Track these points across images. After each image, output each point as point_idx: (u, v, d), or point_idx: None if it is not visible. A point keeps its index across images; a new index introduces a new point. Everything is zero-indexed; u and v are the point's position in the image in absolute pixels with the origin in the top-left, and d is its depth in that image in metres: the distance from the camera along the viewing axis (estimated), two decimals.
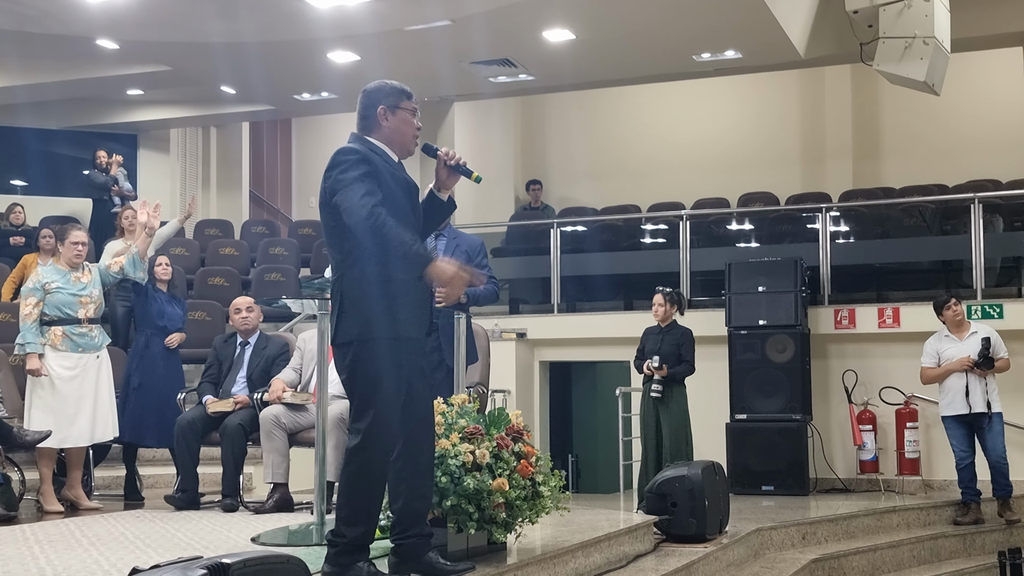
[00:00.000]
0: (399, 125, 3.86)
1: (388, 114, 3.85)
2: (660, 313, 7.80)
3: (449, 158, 3.94)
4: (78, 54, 10.77)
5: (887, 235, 10.85)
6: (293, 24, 9.35)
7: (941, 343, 8.07)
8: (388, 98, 3.86)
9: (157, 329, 7.18)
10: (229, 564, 2.41)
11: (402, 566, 3.82)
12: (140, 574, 2.36)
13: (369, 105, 3.87)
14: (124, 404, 6.92)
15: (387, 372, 3.67)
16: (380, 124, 3.85)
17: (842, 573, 7.04)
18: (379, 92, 3.88)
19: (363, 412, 3.67)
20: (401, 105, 3.87)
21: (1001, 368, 7.89)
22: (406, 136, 3.88)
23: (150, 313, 7.18)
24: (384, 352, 3.67)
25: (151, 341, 7.15)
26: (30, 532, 5.27)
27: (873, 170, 13.21)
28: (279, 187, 16.47)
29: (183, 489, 6.36)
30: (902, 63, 8.78)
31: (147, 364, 7.09)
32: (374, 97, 3.87)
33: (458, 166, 3.96)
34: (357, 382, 3.68)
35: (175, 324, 7.30)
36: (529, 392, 10.57)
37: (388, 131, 3.85)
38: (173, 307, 7.35)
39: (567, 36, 9.59)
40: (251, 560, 2.50)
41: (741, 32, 9.34)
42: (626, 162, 14.33)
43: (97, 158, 12.40)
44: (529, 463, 4.40)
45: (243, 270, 11.99)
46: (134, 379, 7.04)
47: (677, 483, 6.11)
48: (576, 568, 4.86)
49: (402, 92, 3.90)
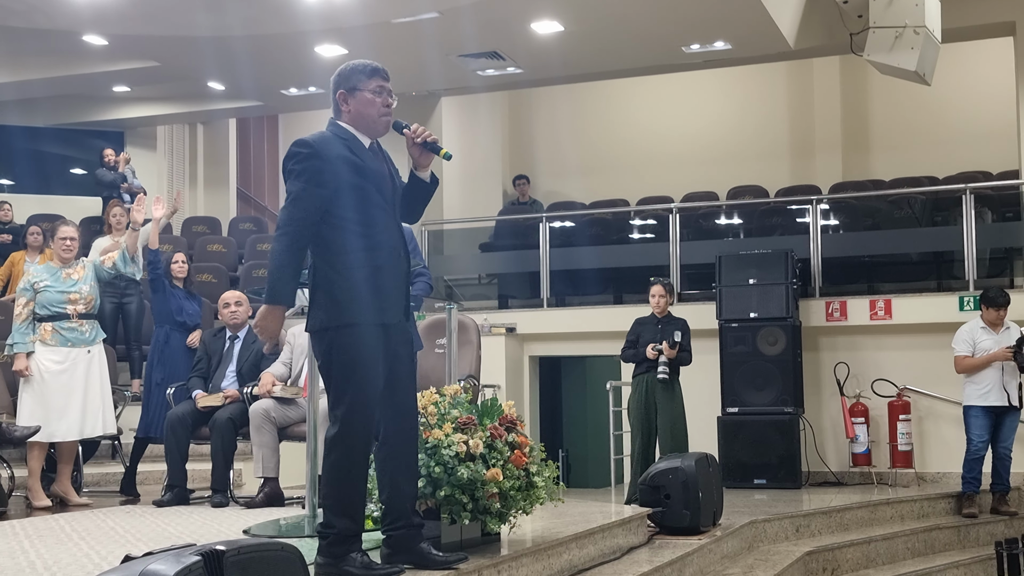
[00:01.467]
0: (359, 107, 3.81)
1: (348, 97, 3.82)
2: (661, 304, 7.83)
3: (416, 135, 3.90)
4: (65, 51, 10.68)
5: (877, 227, 10.86)
6: (280, 17, 9.30)
7: (977, 334, 8.08)
8: (346, 81, 3.83)
9: (176, 325, 7.26)
10: (223, 551, 2.37)
11: (394, 557, 3.78)
12: (133, 560, 2.31)
13: (333, 91, 3.86)
14: (148, 400, 7.02)
15: (361, 358, 3.65)
16: (341, 109, 3.83)
17: (836, 565, 7.02)
18: (339, 77, 3.86)
19: (339, 399, 3.65)
20: (359, 87, 3.81)
21: None
22: (369, 117, 3.82)
23: (169, 309, 7.26)
24: (356, 338, 3.65)
25: (171, 336, 7.22)
26: (19, 527, 5.21)
27: (863, 162, 13.21)
28: (266, 183, 16.41)
29: (172, 485, 6.30)
30: (892, 53, 8.77)
31: (168, 359, 7.16)
32: (335, 83, 3.86)
33: (426, 143, 3.91)
34: (332, 369, 3.67)
35: (193, 320, 7.39)
36: (519, 387, 10.53)
37: (350, 115, 3.83)
38: (191, 303, 7.45)
39: (555, 28, 9.55)
40: (245, 547, 2.46)
41: (731, 23, 9.31)
42: (615, 156, 14.30)
43: (104, 156, 12.20)
44: (523, 453, 4.36)
45: (231, 266, 11.97)
46: (156, 374, 7.10)
47: (671, 475, 6.08)
48: (570, 560, 4.83)
49: (360, 71, 3.82)
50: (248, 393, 6.34)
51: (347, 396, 3.63)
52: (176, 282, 7.41)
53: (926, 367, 9.14)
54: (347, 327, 3.65)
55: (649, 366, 7.66)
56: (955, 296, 9.14)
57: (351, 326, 3.65)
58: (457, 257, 12.55)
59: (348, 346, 3.64)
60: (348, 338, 3.64)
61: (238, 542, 2.45)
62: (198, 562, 2.27)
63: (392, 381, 3.75)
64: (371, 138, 3.86)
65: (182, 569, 2.23)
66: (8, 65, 11.27)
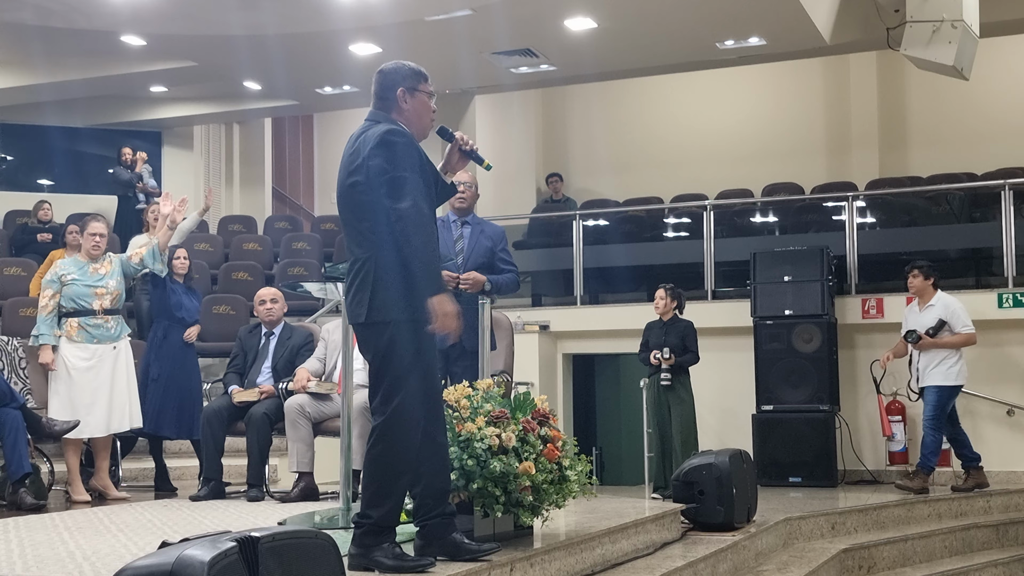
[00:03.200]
0: (418, 107, 3.85)
1: (407, 96, 3.83)
2: (661, 307, 8.13)
3: (464, 143, 3.93)
4: (103, 51, 10.82)
5: (914, 223, 10.74)
6: (315, 16, 9.36)
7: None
8: (407, 80, 3.85)
9: (175, 321, 7.22)
10: (259, 537, 2.39)
11: (428, 548, 3.79)
12: (170, 546, 2.34)
13: (388, 86, 3.84)
14: (143, 395, 6.95)
15: (421, 353, 3.68)
16: (400, 106, 3.84)
17: (872, 563, 6.96)
18: (398, 73, 3.85)
19: (394, 392, 3.64)
20: (420, 88, 3.86)
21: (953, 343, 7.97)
22: (424, 119, 3.88)
23: (168, 305, 7.22)
24: (420, 333, 3.67)
25: (169, 333, 7.19)
26: (59, 520, 5.29)
27: (900, 159, 13.08)
28: (301, 183, 16.53)
29: (208, 479, 6.36)
30: (930, 47, 8.68)
31: (165, 355, 7.13)
32: (393, 78, 3.84)
33: (472, 152, 3.96)
34: (392, 362, 3.65)
35: (192, 316, 7.35)
36: (552, 384, 10.52)
37: (408, 113, 3.84)
38: (190, 299, 7.40)
39: (589, 25, 9.54)
40: (280, 534, 2.48)
41: (765, 17, 9.26)
42: (649, 153, 14.26)
43: (122, 155, 12.48)
44: (555, 447, 4.36)
45: (266, 265, 12.07)
46: (153, 370, 7.07)
47: (704, 471, 6.06)
48: (603, 554, 4.82)
49: (420, 74, 3.89)
50: (283, 388, 6.38)
51: (403, 390, 3.63)
52: (177, 277, 7.33)
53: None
54: (414, 321, 3.65)
55: (655, 368, 7.96)
56: (994, 293, 9.02)
57: (417, 321, 3.65)
58: None
59: (412, 339, 3.65)
60: (414, 332, 3.65)
61: (273, 530, 2.47)
62: (233, 548, 2.30)
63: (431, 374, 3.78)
64: (418, 139, 3.87)
65: (218, 554, 2.25)
66: (47, 66, 11.42)
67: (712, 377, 9.82)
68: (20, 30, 10.01)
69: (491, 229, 5.97)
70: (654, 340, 8.06)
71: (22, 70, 11.62)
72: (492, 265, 5.76)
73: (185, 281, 7.44)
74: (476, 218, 5.95)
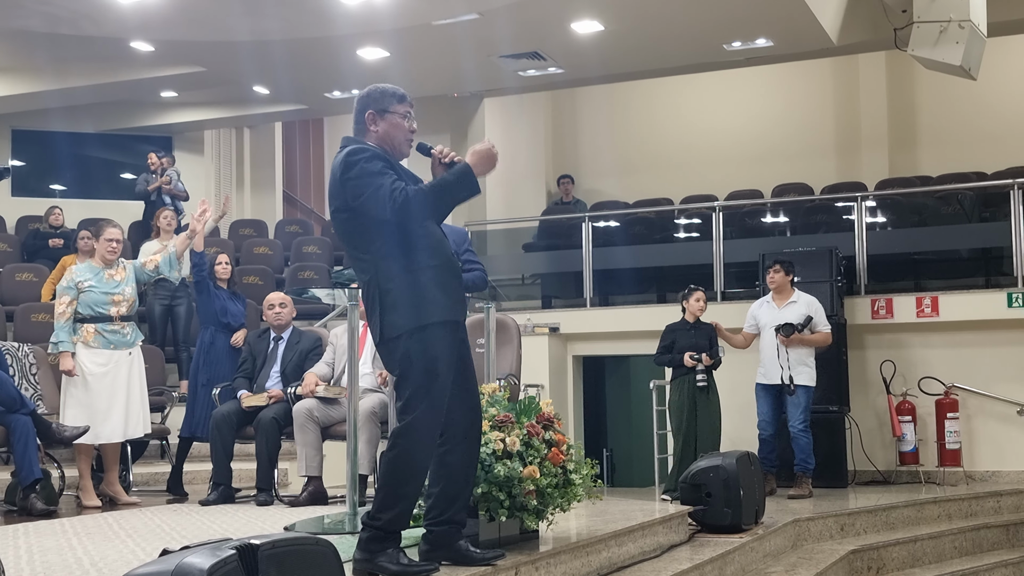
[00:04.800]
0: (388, 129, 3.90)
1: (376, 118, 3.89)
2: (702, 310, 8.18)
3: (443, 156, 3.95)
4: (113, 57, 10.86)
5: (924, 223, 10.71)
6: (322, 21, 9.39)
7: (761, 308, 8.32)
8: (376, 103, 3.90)
9: (221, 326, 7.33)
10: (258, 545, 2.42)
11: (433, 553, 3.81)
12: (171, 554, 2.37)
13: (359, 110, 3.93)
14: (194, 400, 7.09)
15: (441, 358, 3.71)
16: (369, 129, 3.90)
17: (881, 564, 6.95)
18: (368, 97, 3.92)
19: (417, 399, 3.68)
20: (390, 109, 3.90)
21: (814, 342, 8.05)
22: (396, 139, 3.91)
23: (213, 310, 7.32)
24: (435, 338, 3.71)
25: (216, 338, 7.29)
26: (68, 525, 5.33)
27: (910, 158, 13.05)
28: (312, 187, 16.58)
29: (217, 484, 6.40)
30: (937, 48, 8.66)
31: (213, 360, 7.23)
32: (364, 102, 3.92)
33: (452, 163, 3.97)
34: (413, 373, 3.69)
35: (238, 320, 7.45)
36: (563, 386, 10.53)
37: (377, 136, 3.89)
38: (235, 304, 7.51)
39: (595, 27, 9.54)
40: (280, 541, 2.50)
41: (772, 19, 9.25)
42: (658, 155, 14.26)
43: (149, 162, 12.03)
44: (560, 451, 4.38)
45: (277, 268, 12.11)
46: (202, 375, 7.17)
47: (711, 473, 6.07)
48: (609, 557, 4.84)
49: (392, 95, 3.92)
50: (292, 393, 6.41)
51: (428, 396, 3.67)
52: (220, 283, 7.47)
53: (974, 364, 9.03)
54: (426, 328, 3.69)
55: (687, 370, 7.93)
56: (1003, 292, 8.99)
57: (429, 327, 3.69)
58: (500, 257, 12.57)
59: (429, 346, 3.69)
60: (428, 339, 3.69)
61: (273, 536, 2.49)
62: (233, 555, 2.32)
63: (460, 379, 3.82)
64: (394, 159, 3.92)
65: (217, 562, 2.27)
66: (57, 72, 11.48)
67: (722, 378, 9.81)
68: (30, 37, 10.06)
69: (451, 232, 5.97)
70: (685, 342, 8.05)
71: (33, 76, 11.68)
72: None
73: (229, 286, 7.54)
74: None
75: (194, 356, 7.43)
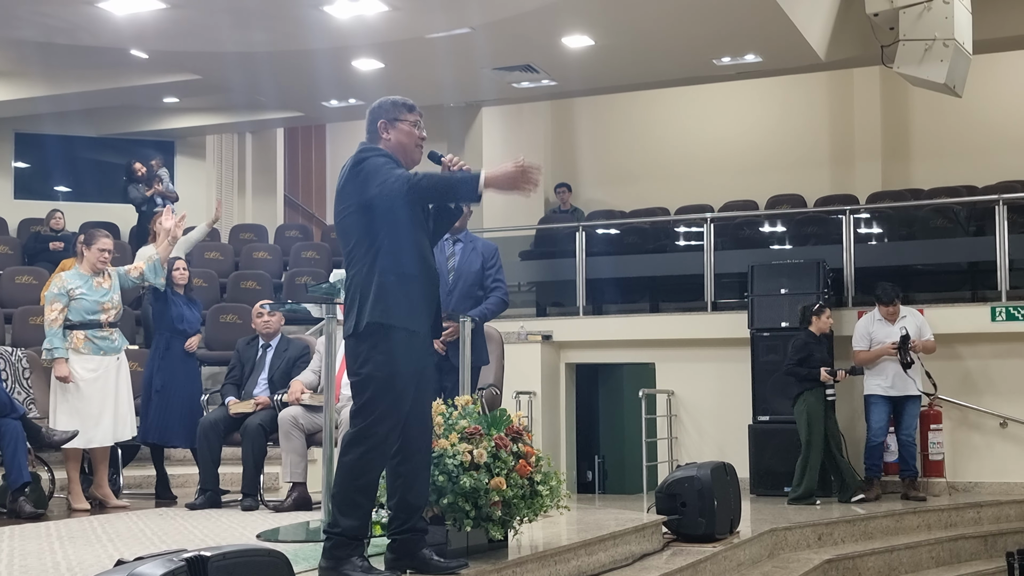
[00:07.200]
0: (399, 137, 4.07)
1: (388, 127, 4.07)
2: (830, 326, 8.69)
3: (453, 164, 4.09)
4: (116, 63, 10.94)
5: (914, 237, 10.80)
6: (314, 34, 9.45)
7: (873, 326, 8.67)
8: (387, 113, 4.09)
9: (176, 332, 7.30)
10: (208, 556, 2.54)
11: (398, 562, 3.95)
12: (124, 564, 2.50)
13: (372, 121, 4.11)
14: (147, 406, 7.10)
15: (401, 364, 3.84)
16: (382, 137, 4.08)
17: (857, 574, 7.06)
18: (380, 108, 4.11)
19: (374, 402, 3.81)
20: (400, 118, 4.08)
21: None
22: (407, 147, 4.09)
23: (169, 317, 7.30)
24: (400, 343, 3.85)
25: (171, 344, 7.27)
26: (54, 529, 5.46)
27: (903, 171, 13.14)
28: (314, 191, 16.68)
29: (204, 489, 6.53)
30: (922, 65, 8.77)
31: (168, 366, 7.21)
32: (376, 113, 4.11)
33: (462, 172, 4.10)
34: (373, 371, 3.82)
35: (194, 327, 7.44)
36: (555, 394, 10.65)
37: (389, 144, 4.07)
38: (191, 310, 7.48)
39: (586, 42, 9.66)
40: (231, 552, 2.62)
41: (759, 36, 9.36)
42: (655, 165, 14.36)
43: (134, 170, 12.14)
44: (528, 463, 4.50)
45: (275, 274, 12.19)
46: (156, 381, 7.16)
47: (686, 483, 6.17)
48: (578, 566, 4.94)
49: (402, 106, 4.11)
50: (278, 400, 6.54)
51: (383, 401, 3.80)
52: (177, 288, 7.41)
53: (958, 377, 9.12)
54: (392, 329, 3.83)
55: (818, 383, 8.43)
56: (987, 307, 9.09)
57: (396, 329, 3.84)
58: None
59: (392, 350, 3.83)
60: (393, 342, 3.83)
61: (224, 548, 2.62)
62: (182, 567, 2.45)
63: (416, 392, 3.93)
64: (406, 167, 4.06)
65: (166, 573, 2.40)
66: (61, 78, 11.60)
67: (711, 387, 9.95)
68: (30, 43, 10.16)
69: (483, 245, 6.10)
70: (822, 356, 8.50)
71: (35, 81, 11.79)
72: (482, 282, 5.90)
73: (185, 292, 7.52)
74: (468, 234, 6.08)
75: (148, 362, 7.37)
